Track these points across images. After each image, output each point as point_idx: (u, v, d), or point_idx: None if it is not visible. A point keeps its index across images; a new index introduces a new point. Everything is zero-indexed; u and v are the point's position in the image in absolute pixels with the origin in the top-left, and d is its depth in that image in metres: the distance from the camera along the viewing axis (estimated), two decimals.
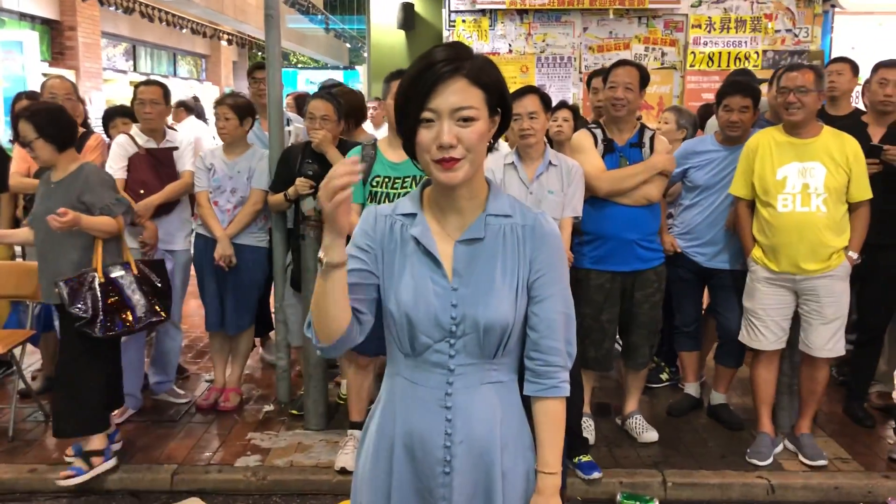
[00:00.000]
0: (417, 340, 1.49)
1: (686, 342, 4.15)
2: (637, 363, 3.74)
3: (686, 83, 7.51)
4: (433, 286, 1.49)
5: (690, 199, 3.95)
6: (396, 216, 1.55)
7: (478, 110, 1.41)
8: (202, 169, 4.05)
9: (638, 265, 3.54)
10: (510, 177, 3.34)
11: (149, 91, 4.05)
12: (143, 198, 3.97)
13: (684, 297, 4.08)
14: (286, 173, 3.82)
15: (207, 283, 4.12)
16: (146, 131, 4.09)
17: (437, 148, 1.40)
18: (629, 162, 3.50)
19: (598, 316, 3.58)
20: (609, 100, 3.47)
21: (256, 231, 4.11)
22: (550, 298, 1.51)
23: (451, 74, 1.39)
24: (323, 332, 1.46)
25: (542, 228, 1.52)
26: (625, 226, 3.48)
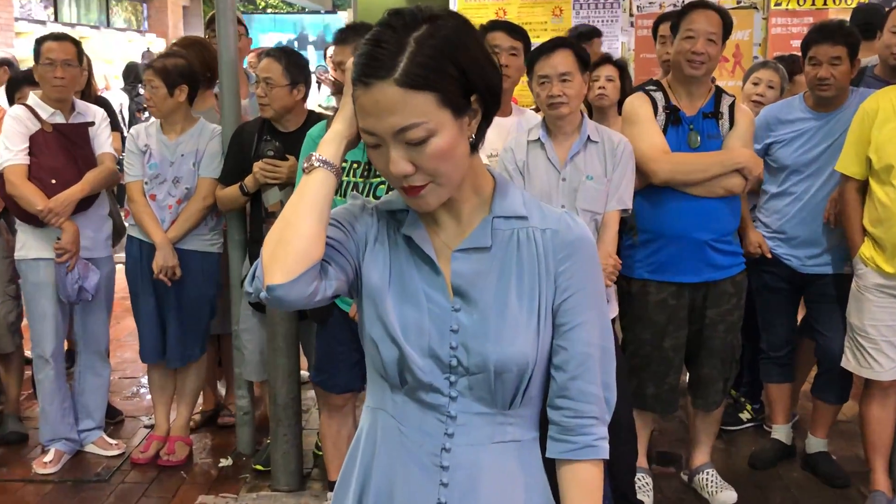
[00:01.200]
0: (408, 374, 1.47)
1: (775, 372, 4.12)
2: (709, 402, 3.70)
3: (770, 27, 7.41)
4: (427, 303, 1.48)
5: (777, 184, 3.92)
6: (383, 213, 1.55)
7: (429, 123, 1.34)
8: (134, 152, 4.03)
9: (711, 274, 3.50)
10: (536, 158, 3.30)
11: (59, 49, 3.98)
12: (56, 189, 3.94)
13: (774, 312, 4.05)
14: (240, 159, 3.79)
15: (143, 301, 4.11)
16: (52, 101, 4.03)
17: (394, 178, 1.39)
18: (701, 137, 3.43)
19: (660, 342, 3.54)
20: (684, 54, 3.40)
21: (207, 233, 4.10)
22: (582, 327, 1.49)
23: (378, 80, 1.32)
24: (283, 261, 1.40)
25: (568, 233, 1.49)
26: (694, 222, 3.43)
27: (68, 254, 3.93)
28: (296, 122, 3.76)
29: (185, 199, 4.02)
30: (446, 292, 1.48)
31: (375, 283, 1.50)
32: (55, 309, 4.04)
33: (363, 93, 1.34)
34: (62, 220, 3.91)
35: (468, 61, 1.37)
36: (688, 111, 3.48)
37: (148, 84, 3.92)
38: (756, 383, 4.49)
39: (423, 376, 1.46)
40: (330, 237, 1.48)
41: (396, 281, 1.50)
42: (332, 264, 1.47)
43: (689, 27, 3.39)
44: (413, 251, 1.50)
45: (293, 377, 3.80)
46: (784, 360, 4.09)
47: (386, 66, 1.31)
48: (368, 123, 1.36)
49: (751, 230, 3.93)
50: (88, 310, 4.14)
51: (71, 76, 4.01)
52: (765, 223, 3.98)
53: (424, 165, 1.36)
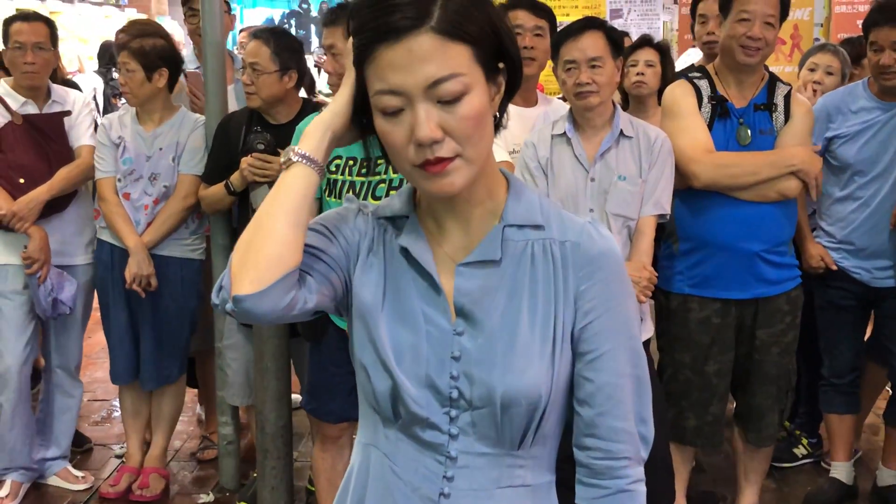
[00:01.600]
0: (403, 408, 1.46)
1: (838, 401, 4.10)
2: (762, 437, 3.67)
3: (834, 5, 7.38)
4: (426, 325, 1.47)
5: (841, 186, 3.90)
6: (380, 220, 1.54)
7: (465, 76, 1.35)
8: (106, 144, 4.04)
9: (762, 290, 3.48)
10: (562, 155, 3.29)
11: (29, 30, 4.02)
12: (26, 189, 3.96)
13: (840, 333, 4.04)
14: (226, 153, 3.80)
15: (115, 315, 4.12)
16: (24, 90, 4.07)
17: (416, 147, 1.36)
18: (752, 133, 3.41)
19: (702, 366, 3.53)
20: (737, 38, 3.36)
21: (188, 237, 4.11)
22: (610, 355, 1.47)
23: (411, 29, 1.33)
24: (253, 268, 1.39)
25: (592, 246, 1.48)
26: (743, 231, 3.41)
27: (37, 263, 3.94)
28: (287, 112, 3.76)
29: (164, 198, 4.03)
30: (448, 313, 1.47)
31: (367, 299, 1.49)
32: (23, 320, 4.04)
33: (389, 47, 1.33)
34: (27, 226, 3.92)
35: (497, 19, 1.40)
36: (737, 102, 3.46)
37: (123, 67, 3.93)
38: (814, 414, 4.47)
39: (419, 410, 1.45)
40: (314, 245, 1.47)
41: (391, 298, 1.49)
42: (313, 275, 1.46)
43: (743, 7, 3.36)
44: (411, 264, 1.49)
45: (283, 402, 3.80)
46: (848, 388, 4.07)
47: (419, 14, 1.32)
48: (396, 79, 1.33)
49: (810, 242, 3.92)
50: (62, 322, 4.15)
51: (43, 61, 4.04)
52: (828, 232, 3.96)
53: (455, 129, 1.35)
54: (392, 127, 1.37)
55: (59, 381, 4.24)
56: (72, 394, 4.28)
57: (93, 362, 5.89)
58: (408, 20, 1.32)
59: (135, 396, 4.24)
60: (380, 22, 1.34)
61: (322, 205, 3.31)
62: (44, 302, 3.94)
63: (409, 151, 1.36)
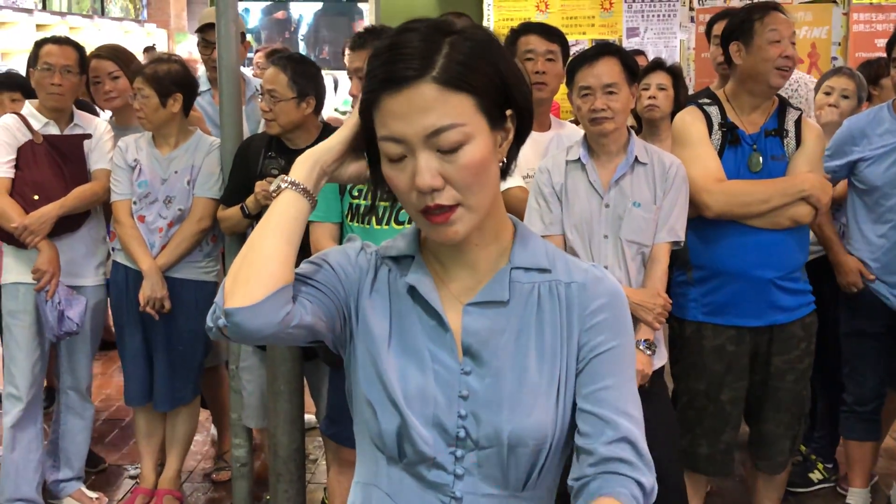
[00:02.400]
0: (408, 447, 1.46)
1: (858, 427, 4.10)
2: (775, 464, 3.65)
3: (851, 23, 7.35)
4: (433, 364, 1.47)
5: (868, 209, 3.89)
6: (384, 259, 1.55)
7: (466, 126, 1.37)
8: (122, 167, 4.06)
9: (777, 317, 3.47)
10: (576, 181, 3.28)
11: (59, 53, 4.07)
12: (38, 206, 3.99)
13: (865, 361, 4.03)
14: (244, 176, 3.80)
15: (129, 337, 4.13)
16: (48, 111, 4.11)
17: (417, 194, 1.38)
18: (764, 159, 3.39)
19: (717, 394, 3.51)
20: (772, 61, 3.32)
21: (202, 260, 4.12)
22: (612, 390, 1.46)
23: (413, 80, 1.35)
24: (245, 282, 1.41)
25: (598, 287, 1.50)
26: (757, 259, 3.40)
27: (46, 275, 3.95)
28: (307, 137, 3.76)
29: (178, 221, 4.04)
30: (455, 352, 1.47)
31: (374, 338, 1.50)
32: (32, 341, 4.06)
33: (391, 96, 1.36)
34: (38, 240, 3.95)
35: (506, 68, 1.41)
36: (749, 129, 3.44)
37: (138, 93, 3.95)
38: (830, 438, 4.45)
39: (427, 449, 1.45)
40: (310, 276, 1.49)
41: (398, 336, 1.50)
42: (310, 300, 1.47)
43: (774, 28, 3.34)
44: (417, 303, 1.50)
45: (296, 425, 3.79)
46: (870, 416, 4.06)
47: (422, 64, 1.34)
48: (397, 128, 1.36)
49: (844, 256, 3.91)
50: (71, 344, 4.17)
51: (70, 84, 4.08)
52: (855, 253, 3.95)
53: (455, 178, 1.36)
54: (396, 173, 1.39)
55: (70, 402, 4.25)
56: (83, 415, 4.29)
57: (108, 381, 5.91)
58: (410, 70, 1.34)
59: (149, 418, 4.25)
60: (385, 70, 1.36)
61: (343, 229, 3.31)
62: (50, 317, 3.95)
63: (412, 197, 1.38)
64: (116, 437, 5.17)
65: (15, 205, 3.95)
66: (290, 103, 3.66)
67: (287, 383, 3.75)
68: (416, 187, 1.36)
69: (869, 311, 3.92)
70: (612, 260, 3.22)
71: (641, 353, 3.16)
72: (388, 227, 3.18)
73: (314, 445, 4.77)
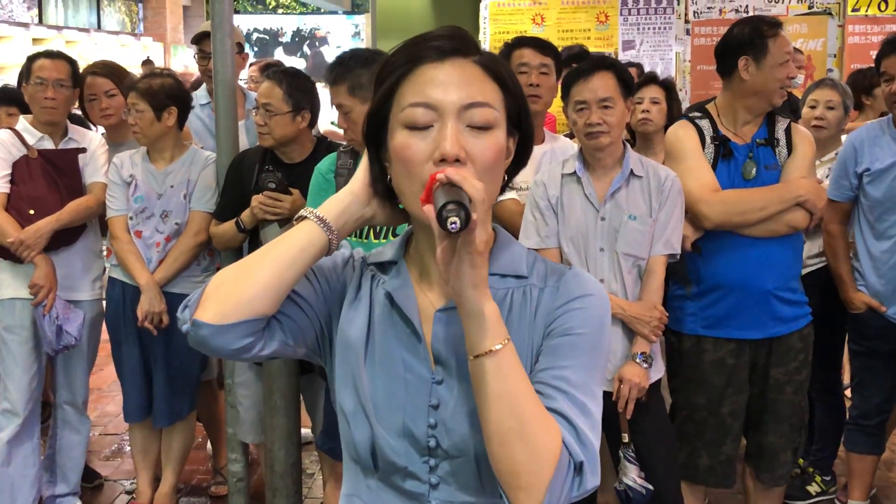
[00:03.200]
0: (381, 456, 1.46)
1: (861, 441, 4.10)
2: (776, 476, 3.63)
3: (847, 35, 7.39)
4: (405, 373, 1.47)
5: (873, 224, 3.89)
6: (369, 266, 1.55)
7: (497, 112, 1.41)
8: (117, 183, 4.07)
9: (776, 329, 3.46)
10: (572, 194, 3.29)
11: (52, 67, 4.09)
12: (34, 220, 4.00)
13: (873, 377, 4.02)
14: (238, 191, 3.81)
15: (127, 352, 4.13)
16: (42, 125, 4.12)
17: (436, 165, 1.35)
18: (757, 168, 3.40)
19: (717, 407, 3.50)
20: (782, 80, 3.37)
21: (199, 274, 4.12)
22: (559, 371, 1.40)
23: (457, 54, 1.40)
24: (223, 300, 1.39)
25: (571, 288, 1.47)
26: (755, 270, 3.40)
27: (43, 290, 3.95)
28: (301, 152, 3.78)
29: (175, 235, 4.05)
30: (428, 361, 1.46)
31: (351, 347, 1.50)
32: (29, 356, 4.06)
33: (432, 65, 1.39)
34: (34, 254, 3.95)
35: (520, 87, 1.47)
36: (740, 140, 3.46)
37: (132, 107, 3.96)
38: (827, 451, 4.44)
39: (398, 459, 1.45)
40: (297, 292, 1.48)
41: (374, 345, 1.49)
42: (283, 322, 1.46)
43: (786, 49, 3.38)
44: (395, 310, 1.49)
45: (292, 440, 3.80)
46: (875, 430, 4.06)
47: (467, 47, 1.41)
48: (435, 94, 1.37)
49: (852, 293, 3.94)
50: (68, 358, 4.17)
51: (63, 98, 4.09)
52: (864, 273, 3.95)
53: (478, 156, 1.37)
54: (415, 141, 1.38)
55: (66, 417, 4.25)
56: (79, 430, 4.29)
57: (104, 396, 5.90)
58: (453, 46, 1.40)
59: (145, 433, 4.24)
60: (423, 46, 1.40)
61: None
62: (48, 331, 3.95)
63: (425, 168, 1.36)
64: (112, 452, 5.16)
65: (10, 220, 3.95)
66: (285, 117, 3.67)
67: (283, 398, 3.75)
68: (441, 153, 1.35)
69: (881, 331, 3.91)
70: (608, 273, 3.22)
71: (638, 366, 3.17)
72: (385, 241, 3.18)
73: (310, 460, 4.76)
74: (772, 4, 7.42)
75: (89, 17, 16.82)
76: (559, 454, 1.32)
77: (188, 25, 19.41)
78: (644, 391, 3.17)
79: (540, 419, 1.33)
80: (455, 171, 1.29)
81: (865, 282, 3.94)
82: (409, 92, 1.39)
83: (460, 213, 1.23)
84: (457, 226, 1.23)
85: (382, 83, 1.43)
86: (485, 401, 1.33)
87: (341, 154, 3.30)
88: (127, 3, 18.08)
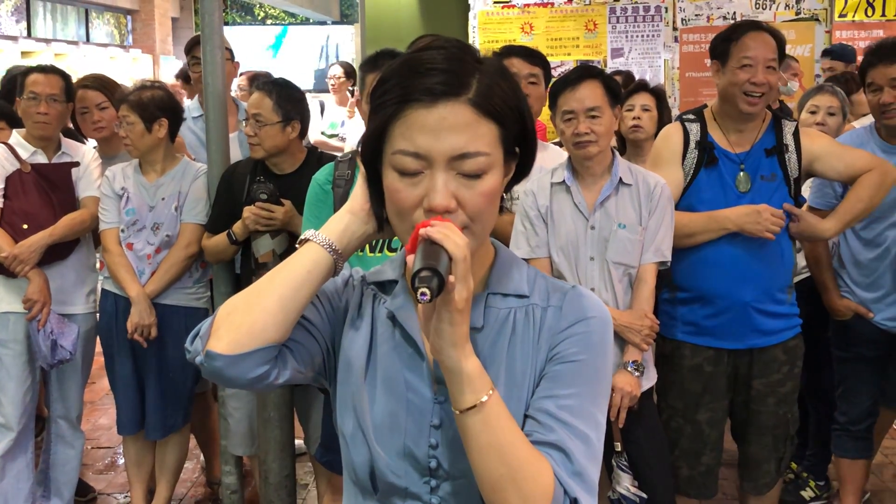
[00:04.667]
0: (381, 478, 1.45)
1: (850, 446, 4.09)
2: (759, 485, 3.63)
3: (834, 41, 7.42)
4: (408, 393, 1.46)
5: (859, 232, 3.89)
6: (369, 285, 1.54)
7: (490, 157, 1.36)
8: (109, 196, 4.07)
9: (757, 340, 3.45)
10: (561, 203, 3.30)
11: (45, 82, 4.09)
12: (28, 235, 4.00)
13: (860, 382, 4.03)
14: (229, 204, 3.82)
15: (120, 365, 4.12)
16: (35, 139, 4.13)
17: (426, 213, 1.35)
18: (752, 182, 3.39)
19: (693, 414, 3.50)
20: (740, 86, 3.31)
21: (191, 286, 4.13)
22: (557, 401, 1.40)
23: (448, 97, 1.33)
24: (235, 329, 1.38)
25: (573, 309, 1.46)
26: (734, 281, 3.38)
27: (38, 305, 3.96)
28: (292, 163, 3.79)
29: (166, 247, 4.05)
30: (431, 380, 1.45)
31: (352, 368, 1.49)
32: (23, 370, 4.06)
33: (422, 109, 1.33)
34: (28, 269, 3.95)
35: (525, 106, 1.42)
36: (737, 147, 3.43)
37: (123, 120, 3.97)
38: (821, 456, 4.44)
39: (397, 480, 1.44)
40: (305, 317, 1.47)
41: (376, 365, 1.48)
42: (293, 349, 1.45)
43: (745, 54, 3.31)
44: (397, 329, 1.48)
45: (287, 451, 3.81)
46: (863, 434, 4.06)
47: (458, 83, 1.33)
48: (423, 143, 1.33)
49: (836, 301, 3.93)
50: (62, 372, 4.16)
51: (56, 112, 4.10)
52: (848, 281, 3.95)
53: (470, 203, 1.35)
54: (405, 187, 1.36)
55: (60, 431, 4.24)
56: (73, 444, 4.28)
57: (97, 409, 5.89)
58: (446, 86, 1.33)
59: (139, 446, 4.24)
60: (416, 82, 1.34)
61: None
62: (43, 346, 3.95)
63: (416, 215, 1.36)
64: (106, 466, 5.15)
65: (4, 234, 3.96)
66: (275, 127, 3.68)
67: (277, 409, 3.76)
68: (430, 206, 1.34)
69: (868, 337, 3.91)
70: (598, 282, 3.23)
71: (629, 375, 3.18)
72: (380, 255, 3.17)
73: (305, 471, 4.76)
74: (759, 11, 7.46)
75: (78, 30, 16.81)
76: (552, 493, 1.33)
77: (177, 37, 19.39)
78: (636, 399, 3.18)
79: (530, 463, 1.33)
80: (437, 230, 1.27)
81: (850, 289, 3.94)
82: (398, 136, 1.35)
83: (432, 281, 1.22)
84: (426, 297, 1.21)
85: (375, 112, 1.39)
86: (473, 452, 1.33)
87: (339, 164, 3.31)
88: (116, 16, 18.08)
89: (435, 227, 1.28)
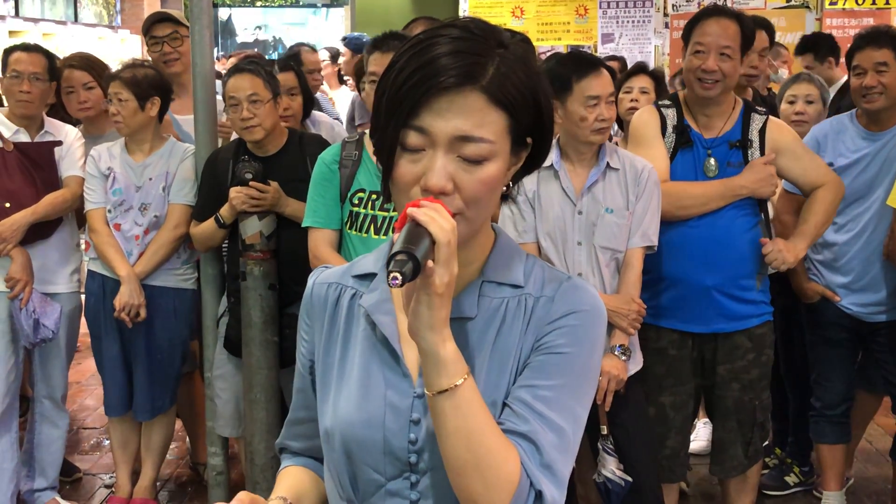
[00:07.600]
0: (360, 476, 1.44)
1: (828, 431, 4.10)
2: (725, 468, 3.65)
3: (824, 28, 7.43)
4: (386, 389, 1.44)
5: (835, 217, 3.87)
6: (349, 280, 1.53)
7: (494, 145, 1.34)
8: (95, 176, 4.06)
9: (721, 325, 3.47)
10: (549, 188, 3.30)
11: (28, 60, 4.08)
12: (10, 213, 3.98)
13: (831, 366, 4.04)
14: (215, 190, 3.80)
15: (107, 346, 4.12)
16: (17, 118, 4.11)
17: (422, 192, 1.34)
18: (719, 168, 3.41)
19: (657, 397, 3.52)
20: (693, 72, 3.39)
21: (179, 267, 4.13)
22: (535, 391, 1.39)
23: (461, 85, 1.32)
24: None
25: (566, 300, 1.44)
26: (696, 265, 3.40)
27: (20, 283, 3.94)
28: (276, 143, 3.78)
29: (154, 228, 4.04)
30: (409, 376, 1.44)
31: (329, 364, 1.49)
32: (8, 349, 4.05)
33: (434, 90, 1.31)
34: (10, 248, 3.93)
35: (544, 97, 1.39)
36: (707, 132, 3.47)
37: (115, 97, 3.94)
38: (804, 441, 4.45)
39: (377, 477, 1.43)
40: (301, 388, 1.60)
41: (353, 364, 1.48)
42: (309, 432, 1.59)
43: (698, 40, 3.37)
44: (371, 326, 1.47)
45: (273, 433, 3.79)
46: (840, 419, 4.07)
47: (473, 69, 1.32)
48: (428, 120, 1.32)
49: (805, 283, 3.94)
50: (46, 352, 4.15)
51: (39, 91, 4.08)
52: (817, 264, 3.96)
53: (467, 188, 1.34)
54: (406, 163, 1.35)
55: (45, 411, 4.23)
56: (58, 424, 4.26)
57: (83, 389, 5.88)
58: (461, 70, 1.31)
59: (125, 427, 4.23)
60: (433, 67, 1.32)
61: (343, 237, 3.32)
62: (25, 324, 3.93)
63: (412, 192, 1.35)
64: (91, 446, 5.14)
65: None
66: (270, 104, 3.69)
67: (263, 391, 3.75)
68: (425, 185, 1.33)
69: (834, 320, 3.94)
70: (585, 267, 3.24)
71: (616, 359, 3.19)
72: (385, 237, 3.16)
73: None
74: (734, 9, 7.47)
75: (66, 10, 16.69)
76: (517, 483, 1.33)
77: None
78: (622, 383, 3.19)
79: (497, 451, 1.33)
80: (424, 211, 1.26)
81: (819, 272, 3.96)
82: (407, 112, 1.34)
83: (405, 265, 1.21)
84: (397, 282, 1.20)
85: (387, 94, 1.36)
86: (442, 437, 1.33)
87: (346, 144, 3.29)
88: None
89: (423, 207, 1.27)
